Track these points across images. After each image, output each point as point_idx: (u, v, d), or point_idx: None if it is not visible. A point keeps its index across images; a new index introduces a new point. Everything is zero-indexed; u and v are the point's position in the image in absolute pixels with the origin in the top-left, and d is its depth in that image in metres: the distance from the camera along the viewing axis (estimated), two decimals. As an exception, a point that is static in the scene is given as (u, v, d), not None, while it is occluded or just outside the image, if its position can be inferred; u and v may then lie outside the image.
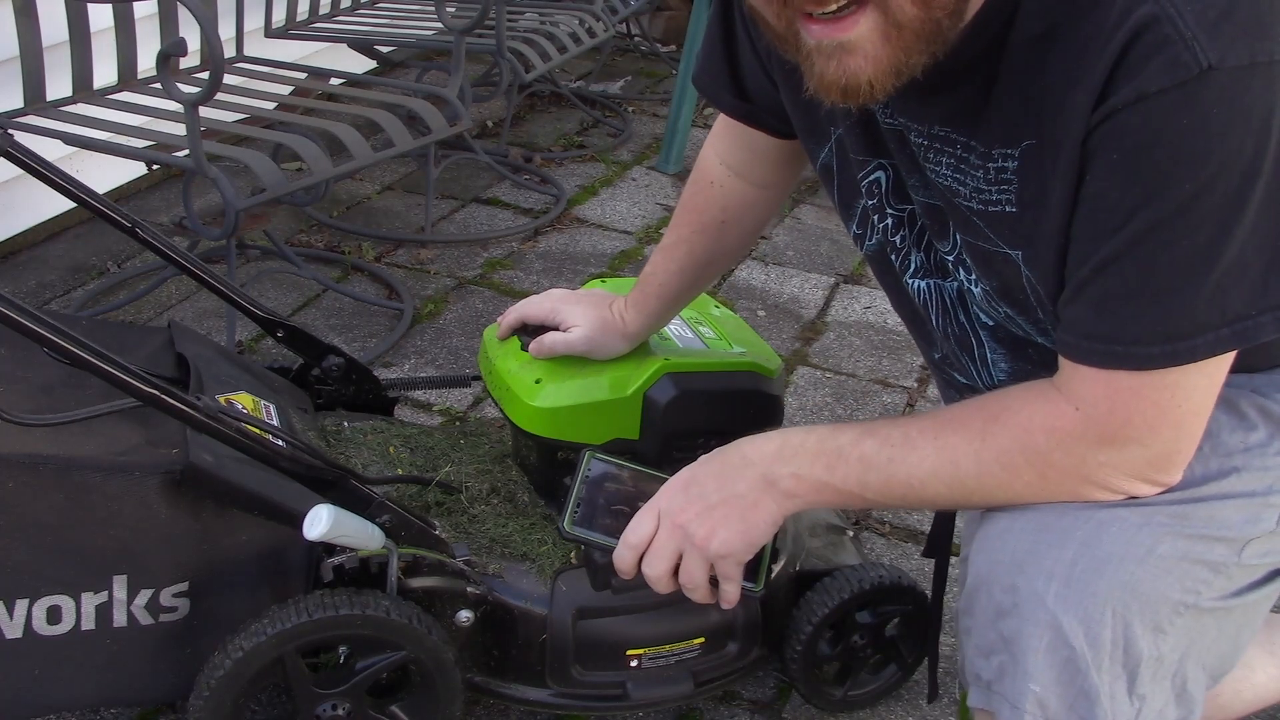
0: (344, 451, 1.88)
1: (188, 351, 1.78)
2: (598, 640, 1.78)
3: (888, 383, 3.13)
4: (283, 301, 3.31)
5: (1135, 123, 1.10)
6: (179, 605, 1.63)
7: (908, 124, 1.31)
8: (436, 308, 3.35)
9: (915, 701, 2.10)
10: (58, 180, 1.82)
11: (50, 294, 3.29)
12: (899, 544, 2.51)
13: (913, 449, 1.29)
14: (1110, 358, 1.18)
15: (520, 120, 4.84)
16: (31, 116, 2.93)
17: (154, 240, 1.87)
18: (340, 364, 1.97)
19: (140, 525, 1.57)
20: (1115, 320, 1.16)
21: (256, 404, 1.75)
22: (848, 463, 1.32)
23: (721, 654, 1.85)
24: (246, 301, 1.97)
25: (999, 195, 1.24)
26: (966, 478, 1.28)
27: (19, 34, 2.87)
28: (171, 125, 2.94)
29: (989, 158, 1.23)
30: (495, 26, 3.74)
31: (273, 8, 3.78)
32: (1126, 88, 1.09)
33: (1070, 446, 1.23)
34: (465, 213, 4.01)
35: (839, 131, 1.45)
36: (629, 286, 1.87)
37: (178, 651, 1.64)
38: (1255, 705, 1.79)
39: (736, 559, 1.39)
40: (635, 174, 4.42)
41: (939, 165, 1.29)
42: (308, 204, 3.66)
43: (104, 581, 1.58)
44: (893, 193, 1.43)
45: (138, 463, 1.56)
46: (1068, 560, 1.23)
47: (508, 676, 1.79)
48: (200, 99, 2.60)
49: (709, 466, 1.41)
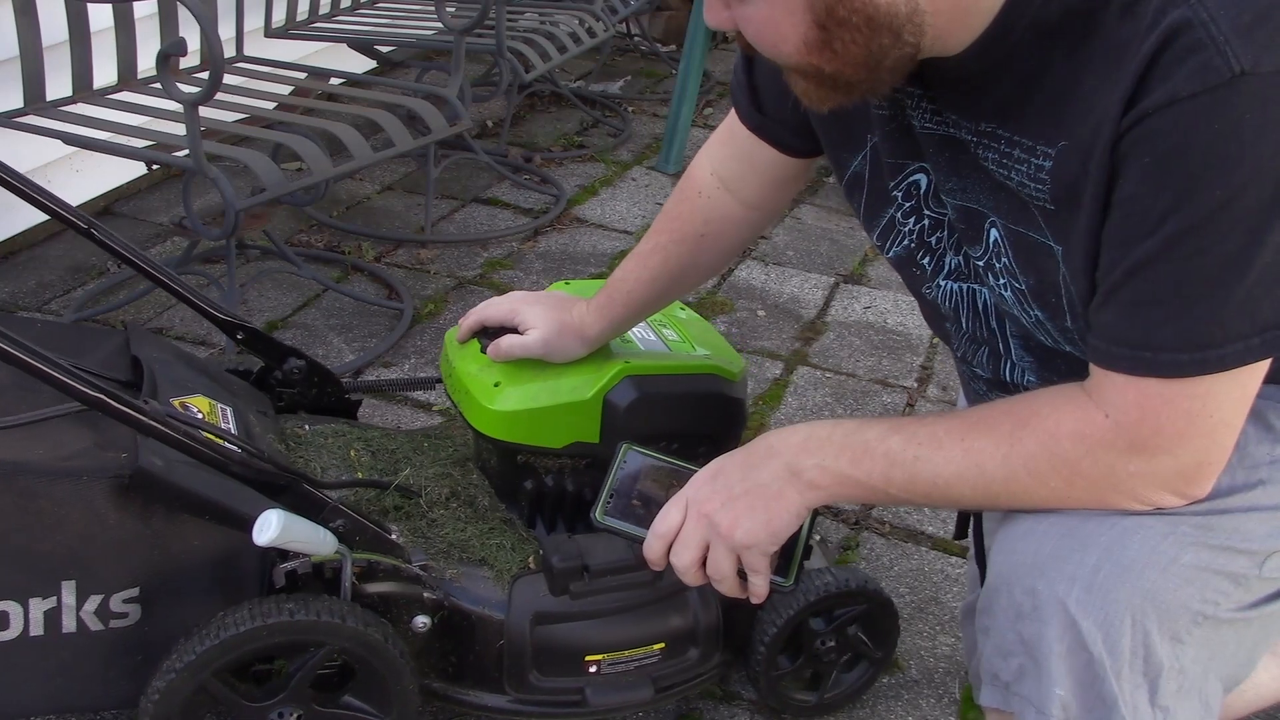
0: (304, 455, 1.87)
1: (143, 354, 1.77)
2: (556, 646, 1.77)
3: (888, 383, 3.11)
4: (283, 301, 3.32)
5: (1166, 127, 1.08)
6: (130, 611, 1.62)
7: (958, 120, 1.30)
8: (436, 308, 3.35)
9: (915, 701, 2.10)
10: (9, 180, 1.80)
11: (50, 294, 3.30)
12: (898, 544, 2.51)
13: (939, 449, 1.28)
14: (1139, 364, 1.16)
15: (520, 120, 4.84)
16: (31, 116, 2.94)
17: (109, 241, 1.86)
18: (301, 366, 1.96)
19: (89, 530, 1.56)
20: (1145, 326, 1.15)
21: (213, 407, 1.74)
22: (873, 458, 1.31)
23: (682, 660, 1.84)
24: (204, 302, 1.95)
25: (1037, 191, 1.23)
26: (992, 481, 1.27)
27: (19, 34, 2.88)
28: (171, 125, 2.94)
29: (1033, 152, 1.22)
30: (495, 26, 3.74)
31: (273, 8, 3.79)
32: (1158, 91, 1.08)
33: (1099, 454, 1.22)
34: (465, 213, 4.01)
35: (875, 139, 1.44)
36: (593, 289, 1.85)
37: (130, 658, 1.63)
38: (1257, 705, 1.79)
39: (761, 549, 1.38)
40: (635, 174, 4.42)
41: (989, 160, 1.28)
42: (308, 204, 3.66)
43: (52, 587, 1.57)
44: (931, 196, 1.41)
45: (85, 467, 1.55)
46: (1090, 565, 1.22)
47: (465, 683, 1.78)
48: (200, 99, 2.60)
49: (736, 457, 1.41)
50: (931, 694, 2.12)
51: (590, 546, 1.77)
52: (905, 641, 2.24)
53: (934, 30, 1.18)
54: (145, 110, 3.07)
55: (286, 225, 3.78)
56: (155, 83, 3.11)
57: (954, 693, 2.12)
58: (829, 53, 1.18)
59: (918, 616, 2.31)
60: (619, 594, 1.78)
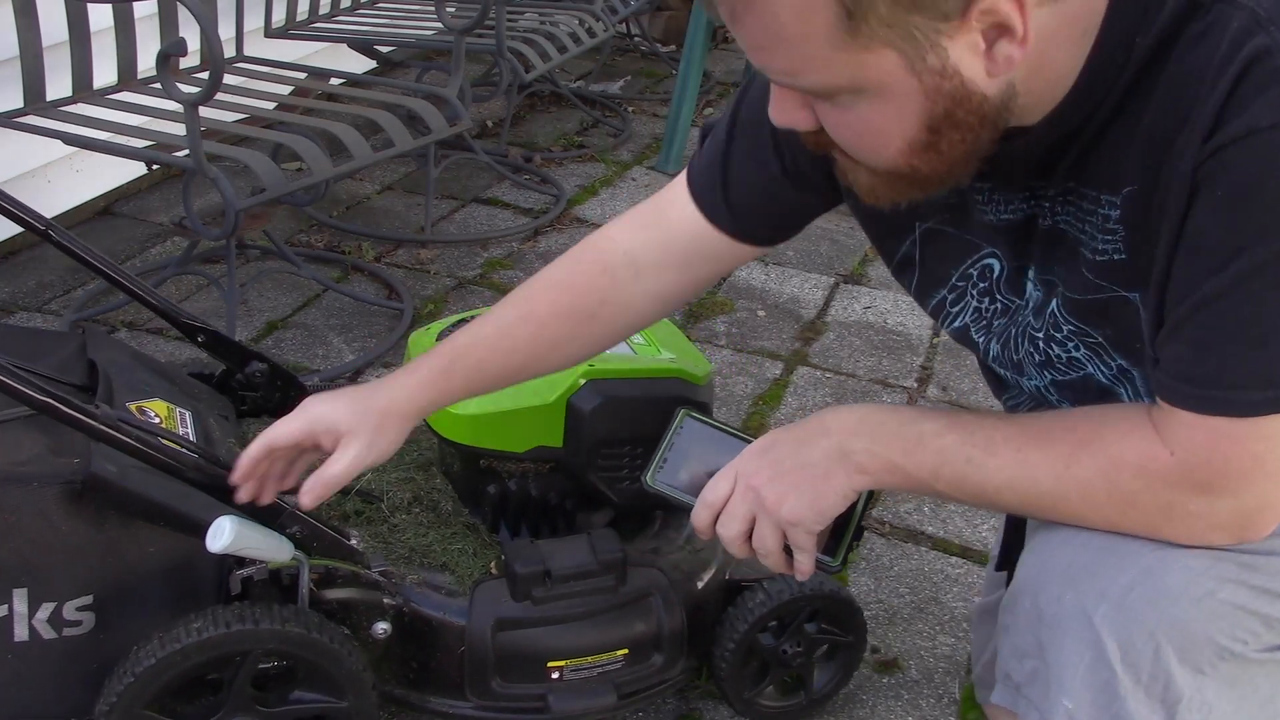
0: (266, 460, 1.86)
1: (99, 358, 1.76)
2: (518, 652, 1.75)
3: (888, 383, 3.10)
4: (283, 301, 3.32)
5: (1243, 158, 1.05)
6: (83, 619, 1.61)
7: (1028, 196, 1.27)
8: (436, 308, 3.35)
9: (915, 701, 2.09)
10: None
11: (50, 294, 3.31)
12: (899, 544, 2.50)
13: (994, 454, 1.25)
14: (1208, 402, 1.12)
15: (520, 120, 4.84)
16: (31, 116, 2.95)
17: (68, 244, 1.86)
18: (264, 369, 1.95)
19: (40, 537, 1.56)
20: (1214, 363, 1.11)
21: (171, 411, 1.73)
22: (925, 451, 1.28)
23: (646, 665, 1.82)
24: (161, 304, 1.94)
25: (1106, 244, 1.19)
26: (1043, 497, 1.24)
27: (19, 34, 2.89)
28: (171, 125, 2.94)
29: (1098, 203, 1.19)
30: (495, 26, 3.74)
31: (273, 8, 3.79)
32: (1236, 122, 1.04)
33: (1159, 490, 1.18)
34: (465, 213, 4.01)
35: (926, 225, 1.40)
36: None
37: (84, 666, 1.62)
38: None
39: (806, 528, 1.35)
40: (635, 174, 4.41)
41: (1065, 221, 1.24)
42: (308, 204, 3.66)
43: (3, 595, 1.56)
44: (1005, 282, 1.37)
45: (36, 473, 1.55)
46: (1124, 584, 1.19)
47: (427, 689, 1.76)
48: (200, 99, 2.61)
49: (789, 433, 1.38)
50: (931, 694, 2.11)
51: (553, 552, 1.76)
52: (905, 641, 2.23)
53: (1020, 109, 1.14)
54: (145, 110, 3.08)
55: (286, 225, 3.79)
56: (155, 83, 3.11)
57: (954, 693, 2.11)
58: (933, 154, 1.14)
59: (918, 616, 2.30)
60: (582, 599, 1.76)
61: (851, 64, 1.07)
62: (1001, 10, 1.03)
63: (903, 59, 1.06)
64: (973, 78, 1.08)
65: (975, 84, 1.09)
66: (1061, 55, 1.11)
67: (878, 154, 1.17)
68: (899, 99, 1.10)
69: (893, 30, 1.04)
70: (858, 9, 1.02)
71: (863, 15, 1.02)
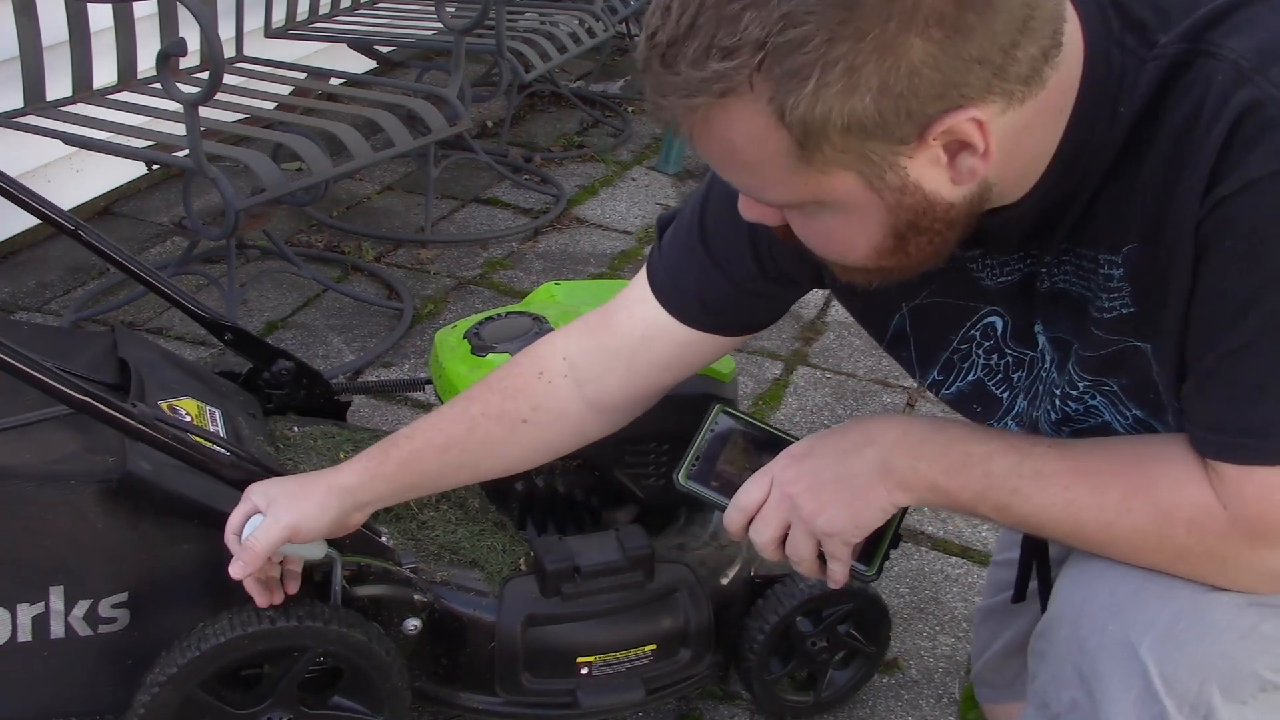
0: (293, 457, 1.87)
1: (130, 357, 1.77)
2: (547, 648, 1.76)
3: (888, 383, 3.11)
4: (283, 301, 3.32)
5: (1245, 210, 1.04)
6: (118, 616, 1.62)
7: (1025, 258, 1.26)
8: (436, 308, 3.36)
9: (915, 701, 2.10)
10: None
11: (50, 294, 3.31)
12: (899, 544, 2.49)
13: (1041, 489, 1.22)
14: (1245, 451, 1.11)
15: (520, 120, 4.84)
16: (31, 116, 2.95)
17: (97, 243, 1.87)
18: (290, 368, 1.95)
19: (77, 535, 1.56)
20: (1246, 412, 1.10)
21: (201, 409, 1.74)
22: (970, 474, 1.26)
23: (674, 661, 1.83)
24: (191, 304, 1.95)
25: (1112, 302, 1.19)
26: (1087, 537, 1.22)
27: (19, 34, 2.89)
28: (171, 125, 2.95)
29: (1097, 264, 1.19)
30: (495, 26, 3.74)
31: (273, 8, 3.79)
32: (1233, 176, 1.04)
33: (1213, 545, 1.15)
34: (465, 213, 4.01)
35: (913, 303, 1.40)
36: (584, 290, 1.83)
37: (119, 663, 1.63)
38: None
39: (843, 539, 1.33)
40: (635, 174, 4.41)
41: (1065, 278, 1.24)
42: (308, 204, 3.67)
43: (40, 593, 1.57)
44: (1012, 336, 1.36)
45: (73, 471, 1.55)
46: (1170, 615, 1.17)
47: (457, 685, 1.77)
48: (200, 99, 2.61)
49: (830, 441, 1.35)
50: (931, 694, 2.12)
51: (581, 548, 1.77)
52: (905, 641, 2.24)
53: (998, 193, 1.14)
54: (145, 110, 3.08)
55: (286, 225, 3.79)
56: (155, 83, 3.11)
57: (954, 693, 2.12)
58: (901, 255, 1.14)
59: (917, 617, 2.31)
60: (610, 595, 1.78)
61: (811, 184, 1.07)
62: (960, 130, 1.03)
63: (861, 179, 1.06)
64: (936, 190, 1.08)
65: (939, 195, 1.08)
66: (1035, 140, 1.11)
67: (845, 257, 1.18)
68: (862, 212, 1.10)
69: (848, 155, 1.03)
70: (808, 141, 1.02)
71: (815, 145, 1.02)
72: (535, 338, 1.85)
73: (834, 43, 0.96)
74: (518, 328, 1.90)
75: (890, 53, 0.97)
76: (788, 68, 0.98)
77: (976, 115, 1.02)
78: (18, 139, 2.95)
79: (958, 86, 1.00)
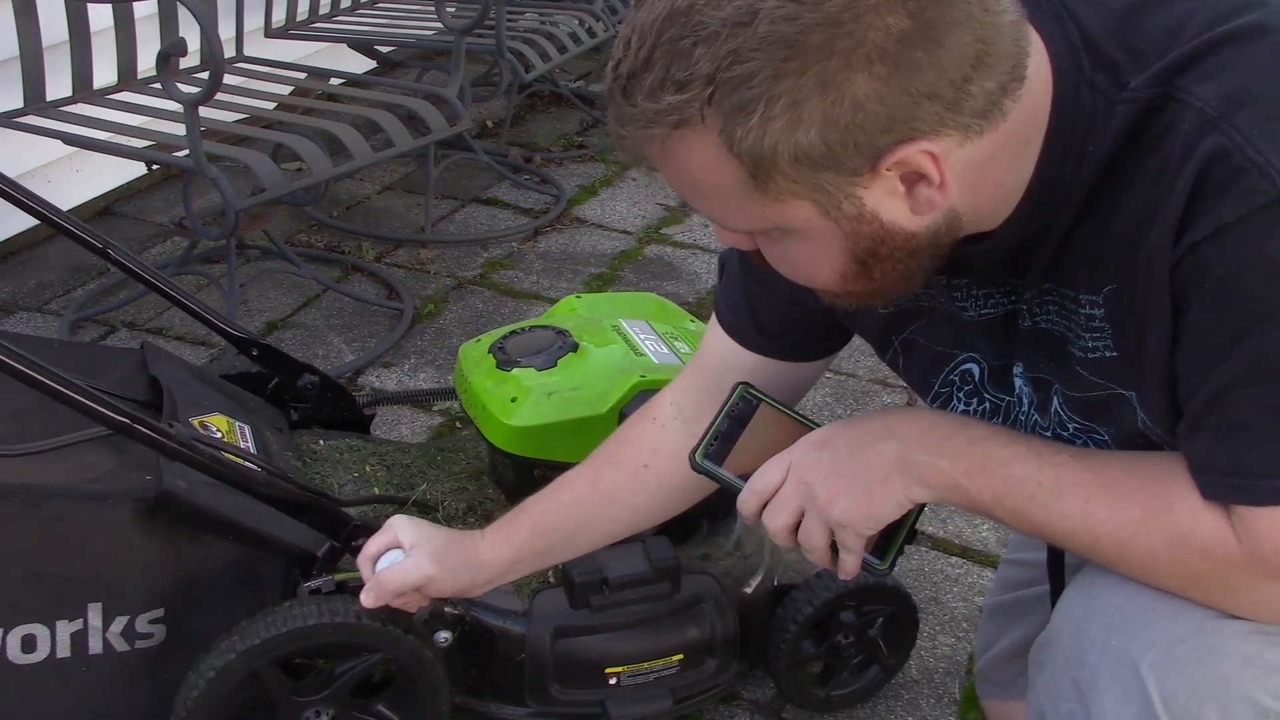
0: (320, 470, 1.88)
1: (160, 374, 1.78)
2: (576, 659, 1.79)
3: (888, 383, 3.12)
4: (283, 301, 3.33)
5: (1218, 254, 1.05)
6: (155, 631, 1.64)
7: (1009, 292, 1.27)
8: (436, 308, 3.36)
9: (915, 701, 2.11)
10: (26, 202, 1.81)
11: (50, 294, 3.31)
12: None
13: (1059, 499, 1.22)
14: (1238, 493, 1.12)
15: (520, 120, 4.83)
16: (31, 116, 2.94)
17: (126, 261, 1.88)
18: (315, 382, 1.97)
19: (114, 553, 1.58)
20: (1235, 454, 1.11)
21: (231, 425, 1.75)
22: (990, 477, 1.25)
23: (700, 670, 1.86)
24: (220, 320, 1.97)
25: (1095, 342, 1.19)
26: (1102, 553, 1.22)
27: (19, 34, 2.88)
28: (171, 125, 2.94)
29: (1078, 303, 1.19)
30: (495, 26, 3.74)
31: (273, 8, 3.78)
32: (1202, 222, 1.05)
33: (1225, 574, 1.16)
34: (465, 213, 4.01)
35: (902, 337, 1.41)
36: (605, 304, 1.84)
37: (155, 677, 1.65)
38: None
39: (856, 530, 1.31)
40: (635, 174, 4.40)
41: (1049, 317, 1.25)
42: (308, 204, 3.67)
43: (79, 609, 1.59)
44: (989, 381, 1.37)
45: (110, 490, 1.57)
46: (1175, 636, 1.18)
47: (486, 695, 1.80)
48: (200, 99, 2.61)
49: (850, 430, 1.33)
50: (931, 694, 2.13)
51: (609, 560, 1.79)
52: (906, 642, 2.25)
53: (969, 222, 1.15)
54: (145, 110, 3.08)
55: (286, 225, 3.78)
56: (155, 83, 3.10)
57: (954, 693, 2.13)
58: (866, 280, 1.15)
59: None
60: (638, 606, 1.80)
61: (769, 212, 1.09)
62: (913, 162, 1.04)
63: (817, 208, 1.08)
64: (894, 219, 1.09)
65: (898, 224, 1.10)
66: (1002, 170, 1.12)
67: (813, 281, 1.19)
68: (822, 239, 1.12)
69: (800, 184, 1.05)
70: (760, 172, 1.04)
71: (766, 175, 1.04)
72: (559, 351, 1.88)
73: (778, 78, 0.99)
74: (541, 341, 1.92)
75: (833, 88, 0.99)
76: (735, 101, 1.00)
77: (929, 148, 1.04)
78: (18, 139, 2.95)
79: (907, 120, 1.02)
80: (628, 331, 1.95)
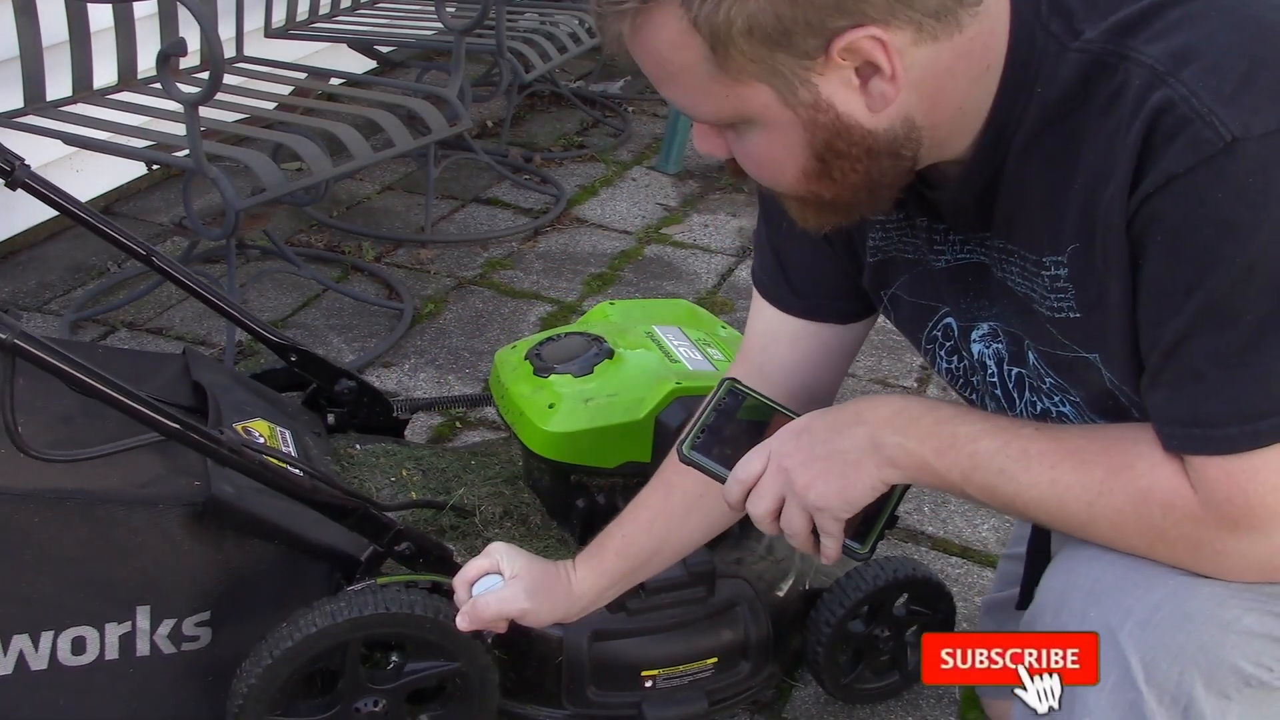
0: (357, 475, 1.90)
1: (204, 380, 1.79)
2: (613, 662, 1.81)
3: (888, 382, 3.14)
4: (283, 301, 3.33)
5: (1170, 205, 1.08)
6: (201, 634, 1.65)
7: (976, 241, 1.30)
8: (436, 308, 3.37)
9: (915, 701, 2.12)
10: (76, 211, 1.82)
11: (50, 294, 3.30)
12: (899, 544, 2.53)
13: (1026, 469, 1.24)
14: (1196, 443, 1.14)
15: (520, 120, 4.84)
16: (31, 116, 2.94)
17: (169, 269, 1.89)
18: (353, 387, 1.98)
19: (163, 556, 1.60)
20: (1192, 404, 1.13)
21: (273, 431, 1.76)
22: (958, 455, 1.27)
23: (734, 672, 1.88)
24: (261, 327, 1.98)
25: (1059, 302, 1.22)
26: (1070, 518, 1.24)
27: (19, 34, 2.87)
28: (171, 125, 2.94)
29: (1042, 265, 1.22)
30: (495, 26, 3.75)
31: (273, 8, 3.78)
32: (1154, 173, 1.08)
33: (1186, 527, 1.18)
34: (465, 213, 4.02)
35: (890, 292, 1.44)
36: (639, 310, 1.86)
37: (200, 679, 1.67)
38: None
39: (832, 514, 1.33)
40: (635, 174, 4.42)
41: (1011, 276, 1.28)
42: (308, 204, 3.67)
43: (127, 612, 1.60)
44: (961, 339, 1.40)
45: (160, 495, 1.59)
46: (1151, 603, 1.20)
47: (524, 697, 1.81)
48: (200, 99, 2.61)
49: (825, 417, 1.36)
50: (931, 694, 2.14)
51: None
52: (905, 641, 2.27)
53: (930, 139, 1.18)
54: (145, 110, 3.08)
55: (286, 225, 3.79)
56: (155, 83, 3.09)
57: (954, 693, 2.14)
58: (828, 180, 1.19)
59: (918, 616, 2.34)
60: (674, 610, 1.82)
61: (732, 96, 1.14)
62: (864, 49, 1.09)
63: (775, 93, 1.13)
64: (850, 112, 1.13)
65: (854, 118, 1.14)
66: (962, 88, 1.16)
67: (776, 180, 1.23)
68: (782, 129, 1.16)
69: (759, 66, 1.11)
70: (718, 45, 1.09)
71: (725, 51, 1.09)
72: (596, 358, 1.89)
73: None
74: (576, 347, 1.93)
75: None
76: None
77: (878, 34, 1.08)
78: (18, 139, 2.92)
79: (858, 3, 1.07)
80: (661, 338, 1.97)
